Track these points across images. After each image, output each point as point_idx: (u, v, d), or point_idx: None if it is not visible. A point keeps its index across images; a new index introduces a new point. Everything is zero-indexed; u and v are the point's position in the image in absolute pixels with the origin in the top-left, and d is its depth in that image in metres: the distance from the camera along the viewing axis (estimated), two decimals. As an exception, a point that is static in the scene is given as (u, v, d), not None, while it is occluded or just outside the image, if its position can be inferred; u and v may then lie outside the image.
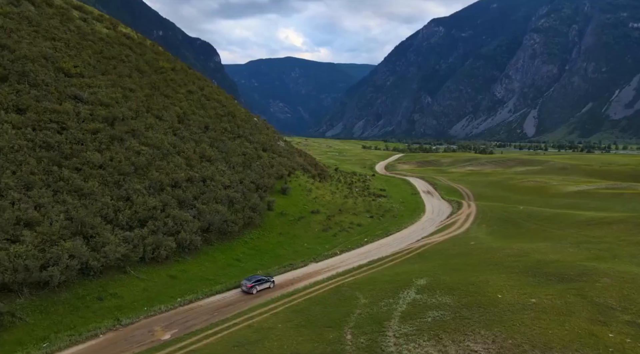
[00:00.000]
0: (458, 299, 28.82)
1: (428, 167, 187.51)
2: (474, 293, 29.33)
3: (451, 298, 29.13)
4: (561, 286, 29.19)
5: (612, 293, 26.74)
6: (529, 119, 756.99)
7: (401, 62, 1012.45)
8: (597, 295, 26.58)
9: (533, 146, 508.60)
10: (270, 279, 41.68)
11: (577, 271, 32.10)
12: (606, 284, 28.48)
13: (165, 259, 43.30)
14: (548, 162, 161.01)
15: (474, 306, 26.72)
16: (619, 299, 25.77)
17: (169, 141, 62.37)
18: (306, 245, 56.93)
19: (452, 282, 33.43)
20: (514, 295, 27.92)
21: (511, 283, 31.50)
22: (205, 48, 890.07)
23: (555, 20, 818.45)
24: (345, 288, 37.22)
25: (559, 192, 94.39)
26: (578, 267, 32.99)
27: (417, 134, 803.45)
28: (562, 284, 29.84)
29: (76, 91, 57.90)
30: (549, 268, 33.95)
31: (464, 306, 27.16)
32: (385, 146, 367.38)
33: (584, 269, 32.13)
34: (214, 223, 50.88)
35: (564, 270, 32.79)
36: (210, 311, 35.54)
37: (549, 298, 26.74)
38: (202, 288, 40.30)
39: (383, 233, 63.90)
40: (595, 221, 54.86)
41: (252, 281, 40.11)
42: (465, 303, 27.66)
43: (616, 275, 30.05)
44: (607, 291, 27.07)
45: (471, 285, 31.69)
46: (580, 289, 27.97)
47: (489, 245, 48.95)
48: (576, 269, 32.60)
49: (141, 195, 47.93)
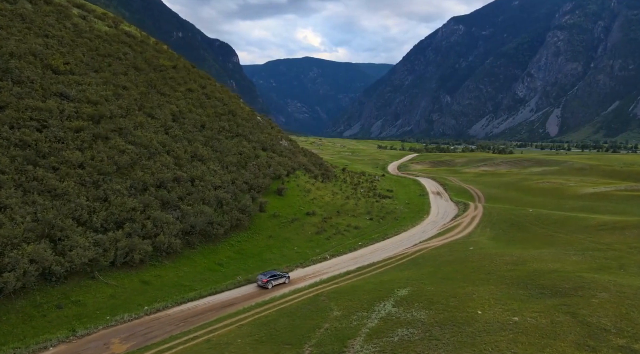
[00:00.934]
0: (434, 314, 25.84)
1: (441, 167, 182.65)
2: (453, 308, 26.29)
3: (427, 313, 26.17)
4: (552, 302, 25.91)
5: (608, 311, 23.39)
6: (552, 118, 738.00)
7: (420, 61, 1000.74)
8: (590, 313, 23.27)
9: (555, 146, 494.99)
10: (285, 275, 43.00)
11: (573, 283, 28.71)
12: (603, 300, 25.10)
13: (141, 264, 41.29)
14: (566, 162, 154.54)
15: (449, 324, 23.72)
16: (615, 319, 22.43)
17: (158, 140, 60.59)
18: (296, 249, 54.38)
19: (434, 293, 30.43)
20: (495, 311, 24.79)
21: (498, 296, 28.32)
22: (224, 49, 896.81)
23: (580, 17, 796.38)
24: (322, 298, 34.51)
25: (574, 194, 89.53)
26: (576, 279, 29.56)
27: (436, 134, 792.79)
28: (554, 299, 26.56)
29: (63, 88, 56.53)
30: (544, 279, 30.59)
31: (437, 323, 24.18)
32: (401, 146, 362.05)
33: (582, 282, 28.71)
34: (198, 225, 48.76)
35: (559, 282, 29.42)
36: (176, 321, 33.32)
37: (535, 316, 23.55)
38: (175, 294, 38.20)
39: (380, 236, 60.88)
40: (607, 226, 50.77)
41: (267, 276, 41.55)
42: (440, 319, 24.67)
43: (617, 289, 26.60)
44: (603, 309, 23.73)
45: (453, 298, 28.63)
46: (573, 305, 24.67)
47: (487, 251, 45.53)
48: (573, 281, 29.19)
49: (120, 196, 46.09)
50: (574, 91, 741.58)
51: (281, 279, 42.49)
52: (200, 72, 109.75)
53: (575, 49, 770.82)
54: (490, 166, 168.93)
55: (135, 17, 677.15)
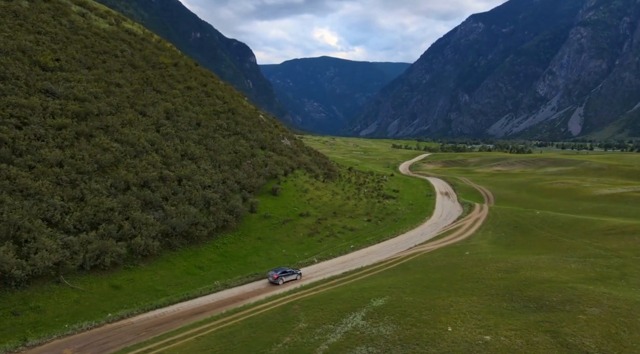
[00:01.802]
0: (401, 330, 23.24)
1: (453, 167, 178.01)
2: (423, 323, 23.64)
3: (394, 329, 23.58)
4: (534, 317, 23.04)
5: (594, 331, 20.45)
6: (574, 117, 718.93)
7: (438, 60, 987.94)
8: (573, 333, 20.36)
9: (577, 146, 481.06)
10: (296, 272, 43.33)
11: (563, 296, 25.72)
12: (592, 316, 22.12)
13: (113, 267, 39.55)
14: (583, 162, 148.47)
15: (412, 342, 21.12)
16: (601, 340, 19.50)
17: (147, 138, 59.12)
18: (284, 251, 52.13)
19: (410, 305, 27.80)
20: (467, 328, 22.06)
21: (477, 308, 25.54)
22: (241, 49, 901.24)
23: (604, 13, 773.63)
24: (295, 307, 32.14)
25: (588, 195, 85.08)
26: (567, 291, 26.55)
27: (454, 134, 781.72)
28: (538, 313, 23.66)
29: (49, 85, 55.46)
30: (532, 290, 27.64)
31: (401, 341, 21.60)
32: (416, 145, 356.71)
33: (573, 295, 25.70)
34: (179, 226, 46.88)
35: (548, 294, 26.46)
36: (139, 330, 31.35)
37: (510, 334, 20.75)
38: (145, 300, 36.35)
39: (375, 239, 58.20)
40: (616, 230, 47.08)
41: (278, 272, 41.91)
42: (405, 336, 22.07)
43: (610, 304, 23.56)
44: (589, 327, 20.79)
45: (428, 311, 25.97)
46: (557, 322, 21.77)
47: (483, 256, 42.50)
48: (563, 293, 26.20)
49: (98, 195, 44.54)
50: (598, 88, 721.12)
51: (292, 275, 42.66)
52: (203, 70, 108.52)
53: (600, 46, 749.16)
54: (504, 166, 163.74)
55: (154, 18, 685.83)
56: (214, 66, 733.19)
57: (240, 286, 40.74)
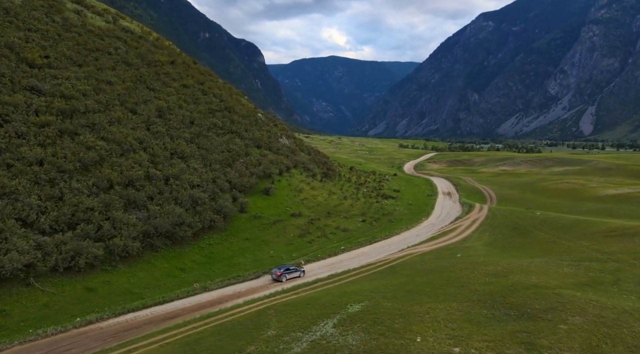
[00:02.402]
0: (369, 340, 21.64)
1: (458, 166, 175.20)
2: (393, 332, 22.04)
3: (362, 338, 22.00)
4: (513, 327, 21.29)
5: (574, 343, 18.68)
6: (586, 117, 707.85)
7: (447, 59, 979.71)
8: (551, 344, 18.61)
9: (588, 145, 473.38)
10: (300, 269, 43.74)
11: (547, 303, 23.91)
12: (574, 326, 20.33)
13: (90, 268, 38.40)
14: (590, 161, 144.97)
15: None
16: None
17: (136, 136, 58.05)
18: (272, 253, 50.68)
19: (386, 311, 26.20)
20: (438, 338, 20.39)
21: (454, 316, 23.84)
22: (250, 49, 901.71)
23: (617, 11, 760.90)
24: (270, 312, 30.68)
25: (593, 195, 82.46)
26: (552, 297, 24.72)
27: (463, 133, 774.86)
28: (517, 322, 21.90)
29: (35, 82, 54.63)
30: (516, 297, 25.85)
31: (365, 352, 20.03)
32: (424, 145, 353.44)
33: (558, 302, 23.89)
34: (162, 227, 45.64)
35: (532, 301, 24.66)
36: (106, 335, 30.09)
37: (482, 346, 19.06)
38: (119, 304, 35.11)
39: (367, 240, 56.53)
40: (617, 232, 44.89)
41: (282, 270, 42.31)
42: (370, 347, 20.49)
43: (595, 313, 21.73)
44: (569, 339, 19.02)
45: (402, 318, 24.34)
46: (535, 333, 20.01)
47: (474, 259, 40.65)
48: (548, 300, 24.38)
49: (78, 195, 43.48)
50: (610, 87, 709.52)
51: (295, 273, 42.99)
52: (202, 68, 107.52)
53: (612, 44, 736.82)
54: (510, 166, 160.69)
55: (163, 18, 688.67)
56: (223, 66, 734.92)
57: (220, 289, 39.37)
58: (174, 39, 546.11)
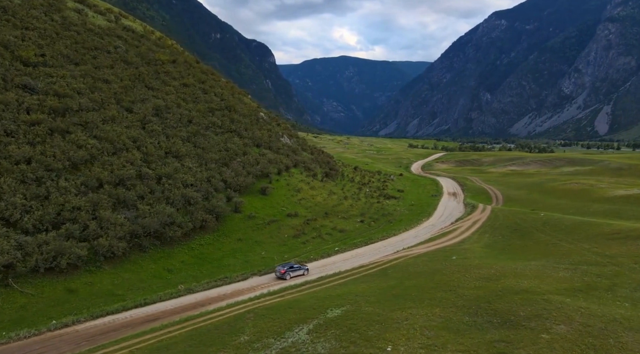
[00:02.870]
0: (339, 347, 20.47)
1: (466, 166, 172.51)
2: (365, 341, 20.82)
3: (332, 346, 20.83)
4: (492, 335, 19.91)
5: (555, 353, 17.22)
6: (601, 116, 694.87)
7: (459, 58, 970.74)
8: (529, 358, 17.18)
9: (603, 145, 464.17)
10: (304, 267, 43.73)
11: (533, 310, 22.45)
12: (556, 336, 18.89)
13: (73, 269, 37.74)
14: (602, 161, 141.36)
15: (341, 363, 18.28)
16: (560, 370, 16.27)
17: (130, 135, 57.46)
18: (264, 254, 49.62)
19: (365, 317, 25.00)
20: (409, 348, 19.11)
21: (434, 323, 22.51)
22: (261, 49, 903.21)
23: (633, 8, 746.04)
24: (250, 316, 29.60)
25: (602, 196, 79.95)
26: (539, 304, 23.24)
27: (475, 133, 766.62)
28: (498, 331, 20.51)
29: (29, 80, 54.32)
30: (503, 303, 24.40)
31: (330, 361, 18.80)
32: (434, 145, 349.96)
33: (544, 308, 22.41)
34: (151, 227, 44.86)
35: (518, 307, 23.21)
36: (80, 339, 29.24)
37: (454, 358, 17.70)
38: (100, 305, 34.31)
39: (363, 241, 55.19)
40: (621, 235, 42.93)
41: (285, 267, 42.32)
42: (337, 356, 19.24)
43: (582, 321, 20.23)
44: (550, 350, 17.63)
45: (379, 325, 23.09)
46: (515, 343, 18.62)
47: (470, 262, 39.09)
48: (535, 306, 22.91)
49: (65, 194, 42.87)
50: (627, 86, 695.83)
51: (299, 270, 43.01)
52: (204, 67, 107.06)
53: (629, 43, 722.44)
54: (519, 166, 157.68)
55: (175, 19, 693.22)
56: (234, 66, 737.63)
57: (205, 291, 38.41)
58: (185, 40, 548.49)
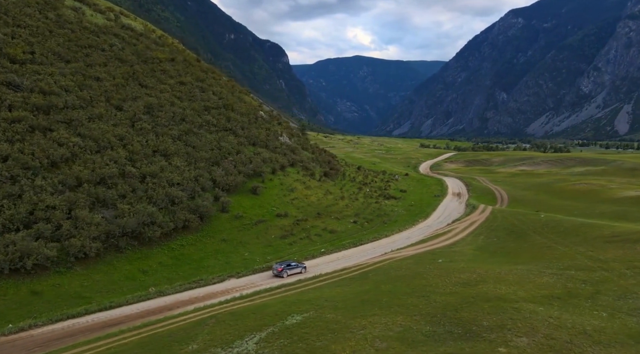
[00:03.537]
0: (278, 359, 18.72)
1: (475, 166, 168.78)
2: (306, 353, 19.01)
3: (272, 357, 19.09)
4: (446, 348, 18.06)
5: (505, 376, 15.24)
6: (622, 115, 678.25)
7: (474, 57, 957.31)
8: (477, 377, 15.23)
9: (623, 145, 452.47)
10: (301, 265, 43.50)
11: (499, 319, 20.46)
12: (515, 349, 16.95)
13: (42, 270, 36.77)
14: (615, 162, 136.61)
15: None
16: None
17: (116, 133, 56.58)
18: (247, 255, 48.14)
19: (323, 324, 23.31)
20: (350, 363, 17.26)
21: (390, 333, 20.70)
22: (274, 50, 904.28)
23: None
24: (211, 321, 28.13)
25: (611, 197, 76.61)
26: (508, 312, 21.23)
27: (490, 133, 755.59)
28: (456, 342, 18.62)
29: (14, 77, 53.82)
30: (470, 311, 22.43)
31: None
32: (446, 145, 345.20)
33: (511, 318, 20.41)
34: (128, 226, 43.71)
35: (484, 316, 21.24)
36: (34, 344, 28.11)
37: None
38: (64, 308, 33.16)
39: (352, 243, 53.36)
40: (620, 238, 40.27)
41: (282, 265, 42.22)
42: (271, 370, 17.55)
43: (547, 333, 18.19)
44: (502, 370, 15.58)
45: (331, 334, 21.39)
46: (466, 359, 16.64)
47: (454, 266, 36.97)
48: (502, 315, 20.91)
49: (40, 192, 41.98)
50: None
51: (297, 268, 42.75)
52: (205, 66, 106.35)
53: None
54: (529, 166, 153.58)
55: (190, 21, 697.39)
56: (247, 66, 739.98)
57: (176, 294, 37.04)
58: (200, 41, 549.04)
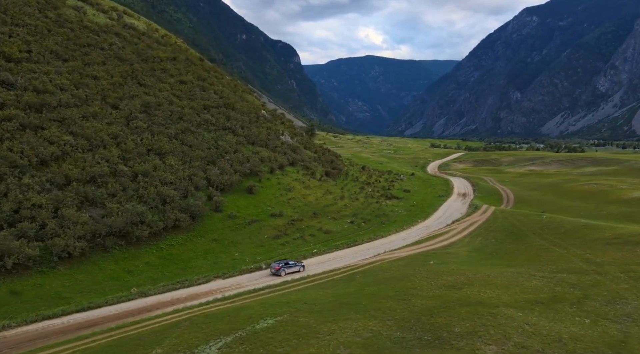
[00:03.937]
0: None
1: (484, 166, 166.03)
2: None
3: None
4: (409, 359, 16.79)
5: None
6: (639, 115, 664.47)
7: (487, 56, 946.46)
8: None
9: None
10: (299, 264, 43.05)
11: (472, 325, 19.26)
12: (480, 364, 15.61)
13: (24, 270, 36.31)
14: (627, 161, 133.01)
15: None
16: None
17: (110, 131, 56.21)
18: (237, 255, 47.28)
19: (292, 329, 22.37)
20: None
21: (357, 339, 19.64)
22: (286, 50, 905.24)
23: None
24: (186, 323, 27.32)
25: (620, 197, 74.18)
26: (484, 318, 20.03)
27: (504, 133, 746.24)
28: (423, 350, 17.57)
29: (8, 75, 53.74)
30: (445, 316, 21.25)
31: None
32: (457, 144, 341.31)
33: (484, 324, 19.20)
34: (115, 226, 43.15)
35: (458, 322, 20.06)
36: (5, 346, 27.35)
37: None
38: (42, 309, 32.57)
39: (346, 244, 52.19)
40: (621, 240, 38.51)
41: (280, 264, 41.79)
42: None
43: (519, 341, 16.97)
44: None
45: (296, 340, 20.40)
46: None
47: (444, 268, 35.65)
48: (477, 321, 19.72)
49: (27, 191, 41.62)
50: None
51: (294, 267, 42.38)
52: (207, 65, 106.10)
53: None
54: (539, 166, 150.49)
55: (202, 21, 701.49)
56: (259, 67, 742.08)
57: (158, 295, 36.28)
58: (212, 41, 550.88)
